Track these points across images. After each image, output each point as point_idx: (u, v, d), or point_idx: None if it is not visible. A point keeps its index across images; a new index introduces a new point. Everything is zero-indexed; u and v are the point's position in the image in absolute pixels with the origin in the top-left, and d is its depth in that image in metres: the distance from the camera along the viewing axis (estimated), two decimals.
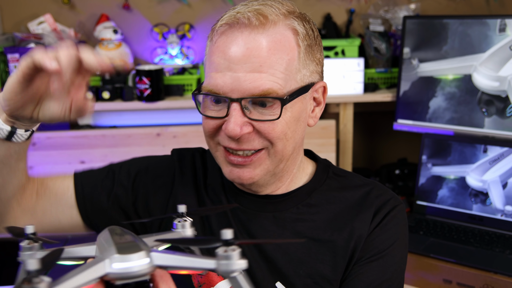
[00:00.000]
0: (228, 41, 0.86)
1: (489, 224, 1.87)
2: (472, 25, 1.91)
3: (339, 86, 2.12)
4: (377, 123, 2.50)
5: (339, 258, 0.92)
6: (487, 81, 1.90)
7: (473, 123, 1.95)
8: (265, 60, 0.85)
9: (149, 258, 0.59)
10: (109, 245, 0.62)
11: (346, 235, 0.93)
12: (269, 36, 0.86)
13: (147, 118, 2.26)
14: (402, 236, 0.96)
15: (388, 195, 0.98)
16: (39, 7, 2.29)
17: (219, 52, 0.87)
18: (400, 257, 0.95)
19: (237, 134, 0.85)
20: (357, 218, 0.95)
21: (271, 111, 0.86)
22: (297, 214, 0.96)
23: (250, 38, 0.85)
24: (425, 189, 2.00)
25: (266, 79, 0.84)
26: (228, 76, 0.85)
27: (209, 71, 0.88)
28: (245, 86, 0.84)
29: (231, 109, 0.85)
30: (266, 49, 0.85)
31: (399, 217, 0.97)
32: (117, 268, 0.58)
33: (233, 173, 0.90)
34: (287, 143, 0.89)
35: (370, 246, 0.93)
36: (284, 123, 0.87)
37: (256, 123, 0.86)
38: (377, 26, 2.25)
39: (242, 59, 0.85)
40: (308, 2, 2.31)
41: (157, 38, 2.32)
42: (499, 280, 1.59)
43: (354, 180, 1.01)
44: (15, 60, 2.11)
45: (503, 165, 1.86)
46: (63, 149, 2.09)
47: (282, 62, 0.86)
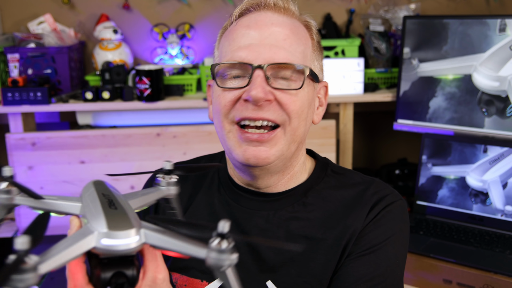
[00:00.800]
0: (253, 18, 0.91)
1: (489, 224, 1.87)
2: (472, 25, 1.91)
3: (339, 86, 2.12)
4: (377, 123, 2.50)
5: (330, 256, 0.92)
6: (487, 81, 1.90)
7: (473, 123, 1.95)
8: (288, 36, 0.89)
9: (138, 236, 0.59)
10: (97, 212, 0.60)
11: (338, 233, 0.93)
12: (289, 20, 0.92)
13: (147, 118, 2.26)
14: (399, 232, 0.94)
15: (386, 191, 0.97)
16: (39, 7, 2.29)
17: (243, 27, 0.91)
18: (395, 253, 0.92)
19: (261, 97, 0.85)
20: (351, 216, 0.94)
21: (292, 83, 0.89)
22: (292, 212, 0.95)
23: (274, 17, 0.91)
24: (425, 189, 2.00)
25: (289, 54, 0.89)
26: (253, 47, 0.88)
27: (231, 46, 0.90)
28: (269, 55, 0.87)
29: (254, 75, 0.87)
30: (288, 29, 0.90)
31: (396, 212, 0.95)
32: (105, 244, 0.58)
33: (248, 152, 0.88)
34: (301, 123, 0.91)
35: (363, 241, 0.92)
36: (303, 99, 0.90)
37: (279, 93, 0.88)
38: (377, 26, 2.25)
39: (267, 32, 0.89)
40: (308, 2, 2.31)
41: (157, 38, 2.32)
42: (499, 280, 1.59)
43: (353, 178, 1.00)
44: (15, 60, 2.11)
45: (503, 165, 1.86)
46: (63, 149, 2.09)
47: (300, 46, 0.91)
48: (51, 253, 0.56)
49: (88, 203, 0.64)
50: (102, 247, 0.58)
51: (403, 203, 0.98)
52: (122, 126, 2.23)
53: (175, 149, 2.11)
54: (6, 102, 2.04)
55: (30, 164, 2.09)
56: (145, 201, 0.72)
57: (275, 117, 0.88)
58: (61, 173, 2.10)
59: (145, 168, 2.11)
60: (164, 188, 0.75)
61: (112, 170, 2.10)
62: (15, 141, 2.08)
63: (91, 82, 2.22)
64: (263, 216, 0.96)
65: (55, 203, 0.69)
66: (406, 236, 0.96)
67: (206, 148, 2.07)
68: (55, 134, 2.10)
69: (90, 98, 2.07)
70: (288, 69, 0.88)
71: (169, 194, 0.75)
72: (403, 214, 0.96)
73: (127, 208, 0.63)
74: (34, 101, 2.04)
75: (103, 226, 0.58)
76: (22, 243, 0.52)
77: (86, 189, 0.69)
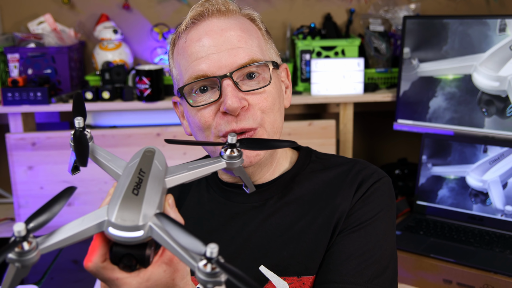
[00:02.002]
0: (201, 29, 0.92)
1: (489, 224, 1.87)
2: (472, 25, 1.91)
3: (339, 86, 2.12)
4: (377, 123, 2.50)
5: (321, 235, 0.94)
6: (487, 81, 1.90)
7: (473, 123, 1.95)
8: (241, 36, 0.91)
9: (143, 231, 0.61)
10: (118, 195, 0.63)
11: (327, 212, 0.95)
12: (235, 20, 0.94)
13: (147, 118, 2.26)
14: (387, 207, 0.97)
15: (371, 169, 1.00)
16: (39, 7, 2.29)
17: (195, 41, 0.91)
18: (384, 229, 0.95)
19: (237, 106, 0.87)
20: (338, 195, 0.97)
21: (259, 81, 0.92)
22: (282, 198, 0.98)
23: (220, 21, 0.92)
24: (425, 189, 2.00)
25: (248, 51, 0.91)
26: (212, 58, 0.89)
27: (189, 62, 0.91)
28: (230, 60, 0.89)
29: (224, 86, 0.89)
30: (237, 29, 0.92)
31: (383, 189, 0.98)
32: (112, 233, 0.61)
33: None
34: (277, 114, 0.94)
35: (352, 218, 0.94)
36: (272, 93, 0.93)
37: (250, 96, 0.90)
38: (377, 26, 2.25)
39: (220, 39, 0.90)
40: (308, 2, 2.31)
41: (157, 38, 2.32)
42: (499, 280, 1.59)
43: (337, 160, 1.04)
44: (15, 60, 2.11)
45: (503, 165, 1.86)
46: (63, 149, 2.09)
47: (254, 39, 0.93)
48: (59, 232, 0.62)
49: (122, 178, 0.67)
50: (109, 234, 0.62)
51: (389, 179, 1.01)
52: (122, 126, 2.23)
53: (175, 149, 2.11)
54: (6, 102, 2.04)
55: (30, 164, 2.09)
56: (200, 174, 0.74)
57: (251, 124, 0.91)
58: (61, 173, 2.10)
59: None
60: (228, 161, 0.75)
61: None
62: (15, 141, 2.08)
63: (91, 82, 2.22)
64: (255, 207, 0.99)
65: (103, 162, 0.73)
66: (393, 211, 0.99)
67: None
68: (55, 134, 2.10)
69: (90, 98, 2.07)
70: (252, 67, 0.91)
71: (232, 168, 0.76)
72: (389, 191, 0.99)
73: (150, 194, 0.64)
74: (34, 101, 2.04)
75: (113, 215, 0.61)
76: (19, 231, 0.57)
77: (134, 157, 0.71)
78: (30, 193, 2.10)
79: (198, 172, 0.74)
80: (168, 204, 0.69)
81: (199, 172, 0.74)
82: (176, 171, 0.72)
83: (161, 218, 0.61)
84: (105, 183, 2.08)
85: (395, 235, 0.99)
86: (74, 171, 0.79)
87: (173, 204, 0.70)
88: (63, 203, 0.61)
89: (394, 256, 0.96)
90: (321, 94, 2.12)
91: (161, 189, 0.67)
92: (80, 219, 0.63)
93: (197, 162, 0.76)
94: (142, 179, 0.66)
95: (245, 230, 0.97)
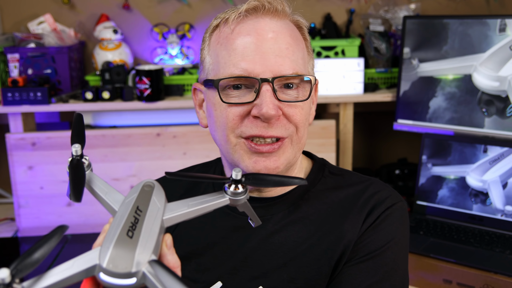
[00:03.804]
0: (251, 25, 0.88)
1: (489, 224, 1.87)
2: (472, 25, 1.91)
3: (339, 86, 2.12)
4: (377, 123, 2.50)
5: (324, 261, 0.90)
6: (487, 81, 1.90)
7: (473, 123, 1.95)
8: (290, 44, 0.88)
9: (135, 279, 0.58)
10: (111, 238, 0.60)
11: (333, 238, 0.90)
12: (286, 25, 0.91)
13: (147, 118, 2.26)
14: (399, 235, 0.92)
15: (386, 192, 0.95)
16: (39, 7, 2.29)
17: (242, 36, 0.87)
18: (394, 258, 0.90)
19: (274, 114, 0.84)
20: (347, 220, 0.92)
21: (296, 93, 0.88)
22: (288, 216, 0.94)
23: (273, 23, 0.89)
24: (425, 189, 2.00)
25: (294, 62, 0.88)
26: (258, 58, 0.86)
27: (233, 57, 0.87)
28: (275, 66, 0.86)
29: (262, 90, 0.85)
30: (288, 35, 0.89)
31: (396, 215, 0.92)
32: (103, 279, 0.59)
33: (259, 164, 0.88)
34: (305, 130, 0.91)
35: (361, 247, 0.89)
36: (306, 107, 0.90)
37: (285, 106, 0.87)
38: (377, 26, 2.25)
39: (269, 42, 0.87)
40: (308, 2, 2.31)
41: (157, 38, 2.32)
42: (499, 280, 1.59)
43: (351, 178, 0.98)
44: (15, 60, 2.11)
45: (503, 165, 1.86)
46: (63, 149, 2.09)
47: (300, 51, 0.90)
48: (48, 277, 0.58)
49: (117, 216, 0.64)
50: (100, 281, 0.59)
51: (403, 204, 0.95)
52: (122, 126, 2.23)
53: (175, 149, 2.11)
54: (6, 102, 2.04)
55: (30, 164, 2.09)
56: (201, 211, 0.71)
57: (283, 133, 0.87)
58: (61, 173, 2.09)
59: (145, 167, 2.11)
60: (231, 198, 0.72)
61: (112, 170, 2.10)
62: (15, 141, 2.08)
63: (91, 82, 2.22)
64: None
65: (99, 195, 0.70)
66: (406, 239, 0.94)
67: (206, 148, 2.07)
68: (55, 134, 2.10)
69: (90, 98, 2.07)
70: (295, 79, 0.88)
71: (236, 204, 0.73)
72: (402, 217, 0.94)
73: (145, 237, 0.61)
74: (34, 101, 2.04)
75: (105, 260, 0.58)
76: (3, 278, 0.53)
77: (132, 192, 0.67)
78: (30, 193, 2.10)
79: (199, 209, 0.70)
80: (165, 245, 0.65)
81: (200, 209, 0.70)
82: (176, 209, 0.68)
83: (155, 266, 0.59)
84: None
85: (407, 264, 0.94)
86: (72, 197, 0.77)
87: (171, 245, 0.66)
88: (53, 244, 0.58)
89: (405, 285, 0.92)
90: (321, 94, 2.12)
91: (158, 230, 0.63)
92: (70, 262, 0.60)
93: (199, 198, 0.72)
94: (138, 219, 0.62)
95: (246, 246, 0.93)
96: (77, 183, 0.66)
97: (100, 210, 2.03)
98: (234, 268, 0.92)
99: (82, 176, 0.68)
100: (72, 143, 0.70)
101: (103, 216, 1.95)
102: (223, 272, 0.92)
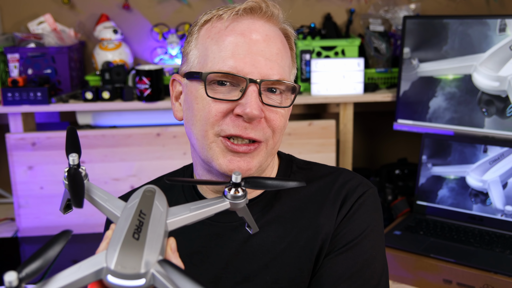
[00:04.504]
0: (246, 24, 0.88)
1: (489, 224, 1.87)
2: (472, 25, 1.91)
3: (339, 86, 2.12)
4: (377, 123, 2.50)
5: (304, 258, 0.90)
6: (487, 81, 1.90)
7: (473, 123, 1.95)
8: (280, 50, 0.89)
9: (144, 280, 0.57)
10: (117, 240, 0.59)
11: (310, 233, 0.91)
12: (277, 31, 0.92)
13: (147, 118, 2.26)
14: (373, 222, 0.93)
15: (355, 181, 0.96)
16: (39, 7, 2.29)
17: (235, 34, 0.87)
18: (372, 245, 0.92)
19: (257, 115, 0.84)
20: (322, 213, 0.93)
21: (280, 99, 0.89)
22: (263, 217, 0.93)
23: (267, 27, 0.90)
24: (425, 189, 2.00)
25: (281, 68, 0.89)
26: (249, 59, 0.86)
27: (221, 53, 0.87)
28: (265, 70, 0.86)
29: (249, 90, 0.85)
30: (279, 41, 0.90)
31: (368, 203, 0.94)
32: (110, 281, 0.58)
33: (233, 163, 0.87)
34: (280, 137, 0.92)
35: (338, 239, 0.91)
36: (286, 114, 0.91)
37: (267, 110, 0.87)
38: (377, 26, 2.25)
39: (262, 44, 0.87)
40: (308, 2, 2.30)
41: (157, 38, 2.32)
42: (499, 280, 1.58)
43: (319, 171, 0.99)
44: (15, 60, 2.11)
45: (503, 165, 1.86)
46: (63, 149, 2.07)
47: (287, 59, 0.92)
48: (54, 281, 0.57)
49: (121, 221, 0.63)
50: (108, 283, 0.58)
51: (374, 191, 0.96)
52: (122, 126, 2.23)
53: (175, 149, 2.11)
54: (6, 102, 2.04)
55: (30, 164, 2.09)
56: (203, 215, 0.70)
57: (260, 136, 0.87)
58: (61, 173, 2.08)
59: (145, 167, 2.11)
60: (231, 201, 0.72)
61: (112, 170, 2.10)
62: (15, 141, 2.08)
63: (91, 82, 2.22)
64: (236, 227, 0.94)
65: (99, 203, 0.70)
66: (380, 225, 0.96)
67: None
68: (55, 134, 2.10)
69: (90, 98, 2.07)
70: (281, 85, 0.88)
71: (236, 208, 0.73)
72: (375, 203, 0.95)
73: (152, 238, 0.61)
74: (34, 101, 2.04)
75: (112, 262, 0.57)
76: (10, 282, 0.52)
77: (133, 198, 0.67)
78: (30, 193, 2.10)
79: (201, 213, 0.70)
80: (170, 248, 0.64)
81: (202, 213, 0.70)
82: (178, 213, 0.68)
83: (165, 265, 0.58)
84: (105, 183, 2.08)
85: (384, 248, 0.96)
86: (65, 210, 0.75)
87: (175, 248, 0.66)
88: (59, 248, 0.58)
89: (385, 271, 0.94)
90: (321, 94, 2.12)
91: (163, 233, 0.63)
92: (76, 266, 0.59)
93: (200, 202, 0.72)
94: (142, 222, 0.62)
95: (226, 253, 0.93)
96: (77, 189, 0.66)
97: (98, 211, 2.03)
98: (215, 277, 0.92)
99: (81, 183, 0.67)
100: (68, 153, 0.70)
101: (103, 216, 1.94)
102: (205, 281, 0.92)
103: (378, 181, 2.26)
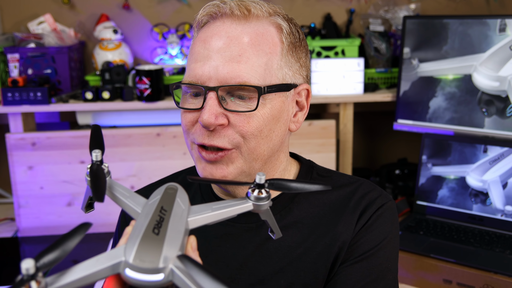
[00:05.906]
0: (209, 30, 0.87)
1: (489, 224, 1.87)
2: (472, 25, 1.91)
3: (339, 86, 2.12)
4: (377, 123, 2.50)
5: (320, 264, 0.90)
6: (487, 81, 1.90)
7: (473, 123, 1.95)
8: (245, 50, 0.84)
9: (163, 275, 0.57)
10: (137, 235, 0.59)
11: (328, 240, 0.91)
12: (251, 28, 0.86)
13: (147, 118, 2.26)
14: (390, 235, 0.93)
15: (375, 193, 0.95)
16: (39, 7, 2.29)
17: (200, 42, 0.87)
18: (387, 257, 0.92)
19: (211, 123, 0.82)
20: (340, 222, 0.92)
21: (248, 104, 0.84)
22: (280, 221, 0.92)
23: (232, 28, 0.86)
24: (425, 189, 2.00)
25: (245, 71, 0.83)
26: (207, 65, 0.84)
27: (190, 62, 0.88)
28: (222, 75, 0.83)
29: (207, 97, 0.84)
30: (246, 40, 0.85)
31: (386, 215, 0.94)
32: (129, 275, 0.57)
33: (206, 170, 0.87)
34: (261, 141, 0.86)
35: (355, 248, 0.91)
36: (261, 118, 0.85)
37: (232, 115, 0.84)
38: (377, 26, 2.25)
39: (222, 47, 0.84)
40: (308, 2, 2.30)
41: (157, 38, 2.32)
42: (499, 280, 1.59)
43: (339, 180, 0.98)
44: (15, 60, 2.11)
45: (503, 165, 1.86)
46: (63, 149, 2.09)
47: (263, 56, 0.86)
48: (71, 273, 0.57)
49: (141, 216, 0.63)
50: (126, 277, 0.57)
51: (392, 204, 0.96)
52: (122, 126, 2.23)
53: (175, 149, 2.11)
54: (6, 102, 2.04)
55: (30, 164, 2.09)
56: (225, 215, 0.70)
57: (225, 143, 0.85)
58: (61, 173, 2.10)
59: (145, 167, 2.11)
60: (255, 203, 0.71)
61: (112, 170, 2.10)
62: (15, 141, 2.08)
63: (91, 82, 2.22)
64: (252, 229, 0.93)
65: (121, 199, 0.70)
66: (396, 238, 0.96)
67: None
68: (55, 134, 2.10)
69: (90, 98, 2.07)
70: (244, 89, 0.84)
71: (259, 210, 0.72)
72: (393, 216, 0.95)
73: (172, 234, 0.60)
74: (34, 101, 2.04)
75: (131, 255, 0.57)
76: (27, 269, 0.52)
77: (155, 194, 0.66)
78: (30, 193, 2.10)
79: (223, 213, 0.69)
80: (191, 247, 0.64)
81: (224, 213, 0.69)
82: (200, 211, 0.67)
83: (184, 261, 0.57)
84: None
85: (397, 261, 0.96)
86: (87, 209, 0.75)
87: (195, 247, 0.65)
88: (77, 239, 0.57)
89: (396, 284, 0.94)
90: (321, 94, 2.12)
91: (183, 230, 0.62)
92: (94, 259, 0.59)
93: (222, 203, 0.70)
94: (163, 218, 0.61)
95: (241, 254, 0.92)
96: (98, 184, 0.66)
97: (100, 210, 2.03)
98: (230, 277, 0.92)
99: (103, 178, 0.67)
100: (92, 150, 0.70)
101: (103, 216, 1.95)
102: None
103: (378, 181, 2.26)
